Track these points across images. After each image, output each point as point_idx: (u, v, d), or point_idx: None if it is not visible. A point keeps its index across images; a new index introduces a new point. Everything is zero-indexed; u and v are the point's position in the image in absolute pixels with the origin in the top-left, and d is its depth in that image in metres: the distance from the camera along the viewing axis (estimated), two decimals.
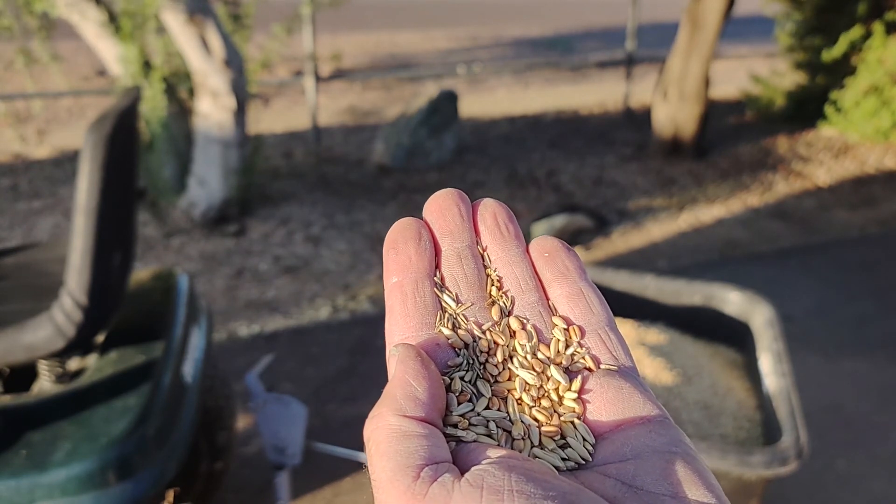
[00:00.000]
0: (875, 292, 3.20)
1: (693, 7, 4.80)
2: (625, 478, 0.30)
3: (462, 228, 0.36)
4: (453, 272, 0.36)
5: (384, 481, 0.28)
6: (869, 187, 4.64)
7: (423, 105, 4.88)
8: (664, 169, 4.90)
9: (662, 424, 0.32)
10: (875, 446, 2.22)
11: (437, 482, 0.27)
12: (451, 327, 0.34)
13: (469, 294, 0.35)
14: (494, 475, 0.27)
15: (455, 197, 0.36)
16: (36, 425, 1.30)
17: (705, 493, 0.29)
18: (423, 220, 0.37)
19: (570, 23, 13.02)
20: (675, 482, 0.29)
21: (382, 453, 0.29)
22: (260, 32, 4.80)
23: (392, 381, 0.31)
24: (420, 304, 0.34)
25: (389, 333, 0.34)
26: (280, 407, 1.75)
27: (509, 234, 0.37)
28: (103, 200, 1.30)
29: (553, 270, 0.36)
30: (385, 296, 0.35)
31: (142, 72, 3.65)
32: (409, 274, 0.35)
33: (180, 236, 3.73)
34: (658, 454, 0.30)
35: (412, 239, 0.35)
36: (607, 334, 0.35)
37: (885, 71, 5.15)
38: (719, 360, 1.88)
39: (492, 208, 0.37)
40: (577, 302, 0.35)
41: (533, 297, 0.36)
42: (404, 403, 0.30)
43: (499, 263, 0.36)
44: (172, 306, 1.65)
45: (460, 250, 0.36)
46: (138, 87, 1.63)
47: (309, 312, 3.04)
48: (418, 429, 0.29)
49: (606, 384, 0.33)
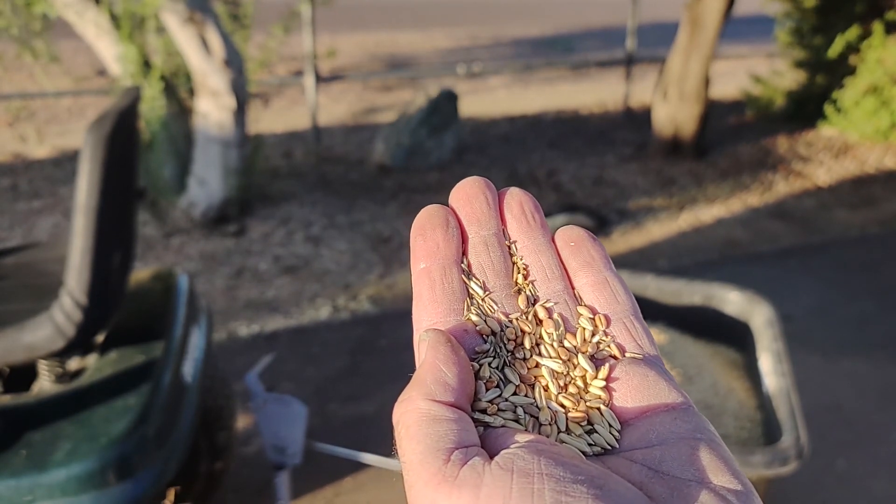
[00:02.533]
0: (875, 292, 3.20)
1: (693, 7, 4.80)
2: (651, 463, 0.30)
3: (489, 216, 0.37)
4: (480, 259, 0.36)
5: (415, 464, 0.28)
6: (869, 187, 4.64)
7: (423, 105, 4.88)
8: (664, 169, 4.90)
9: (687, 412, 0.32)
10: (875, 446, 2.22)
11: (468, 465, 0.28)
12: (479, 314, 0.35)
13: (496, 281, 0.36)
14: (524, 458, 0.28)
15: (482, 185, 0.37)
16: (36, 425, 1.30)
17: (731, 479, 0.29)
18: (449, 206, 0.37)
19: (570, 23, 13.02)
20: (700, 468, 0.29)
21: (412, 436, 0.29)
22: (260, 32, 4.80)
23: (422, 365, 0.32)
24: (448, 291, 0.35)
25: (417, 319, 0.35)
26: (280, 407, 1.74)
27: (535, 223, 0.37)
28: (103, 200, 1.30)
29: (579, 259, 0.36)
30: (412, 282, 0.35)
31: (141, 71, 3.65)
32: (436, 260, 0.35)
33: (180, 236, 3.73)
34: (683, 440, 0.30)
35: (440, 226, 0.36)
36: (632, 323, 0.35)
37: (885, 71, 5.15)
38: (719, 360, 1.88)
39: (518, 197, 0.37)
40: (603, 291, 0.36)
41: (559, 286, 0.36)
42: (434, 388, 0.31)
43: (525, 252, 0.37)
44: (172, 306, 1.65)
45: (487, 238, 0.36)
46: (138, 87, 1.62)
47: (309, 312, 3.04)
48: (448, 413, 0.30)
49: (632, 372, 0.33)
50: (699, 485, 0.28)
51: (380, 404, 2.39)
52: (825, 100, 5.63)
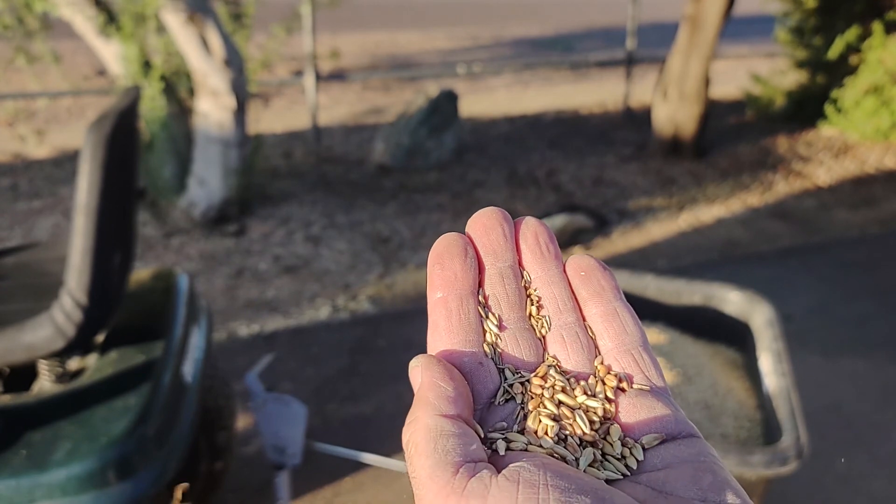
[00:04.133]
0: (875, 292, 3.20)
1: (693, 7, 4.79)
2: (655, 484, 0.31)
3: (505, 248, 0.37)
4: (496, 291, 0.37)
5: (424, 478, 0.29)
6: (869, 187, 4.64)
7: (423, 105, 4.88)
8: (664, 169, 4.90)
9: (692, 440, 0.33)
10: (875, 446, 2.22)
11: (476, 477, 0.28)
12: (495, 347, 0.36)
13: (510, 314, 0.36)
14: (530, 471, 0.28)
15: (499, 216, 0.37)
16: (36, 425, 1.30)
17: (733, 498, 0.30)
18: (466, 235, 0.37)
19: (570, 23, 13.02)
20: (704, 488, 0.30)
21: (421, 452, 0.30)
22: (260, 32, 4.80)
23: (420, 387, 0.33)
24: (465, 321, 0.35)
25: (433, 348, 0.35)
26: (280, 407, 1.75)
27: (549, 254, 0.38)
28: (103, 200, 1.30)
29: (589, 289, 0.37)
30: (429, 310, 0.36)
31: (142, 71, 3.65)
32: (454, 290, 0.36)
33: (180, 236, 3.73)
34: (688, 463, 0.31)
35: (458, 256, 0.36)
36: (640, 354, 0.36)
37: (885, 70, 5.15)
38: (719, 359, 1.88)
39: (534, 228, 0.38)
40: (612, 322, 0.36)
41: (571, 318, 0.37)
42: (438, 403, 0.31)
43: (539, 283, 0.37)
44: (172, 306, 1.65)
45: (503, 270, 0.37)
46: (138, 87, 1.62)
47: (309, 312, 3.04)
48: (454, 428, 0.31)
49: (639, 404, 0.34)
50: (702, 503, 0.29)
51: (379, 404, 2.39)
52: (825, 100, 5.63)
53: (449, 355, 0.35)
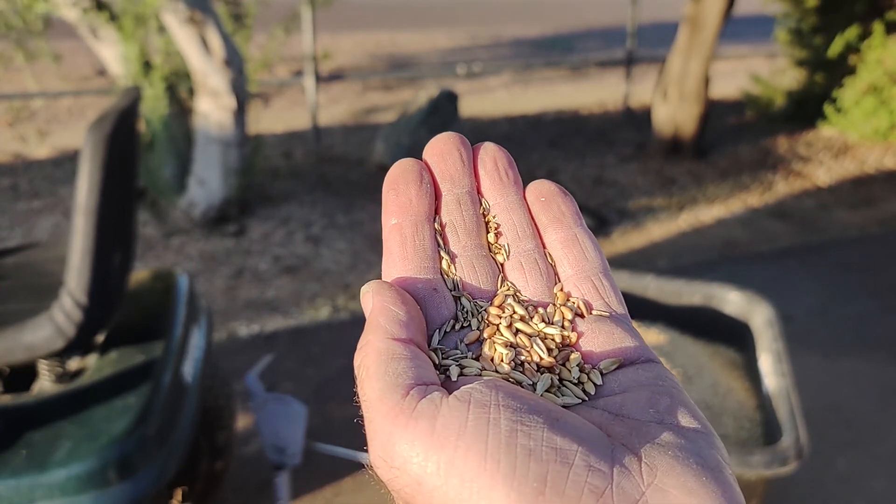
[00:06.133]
0: (875, 292, 3.20)
1: (693, 7, 4.80)
2: (611, 408, 0.30)
3: (462, 174, 0.36)
4: (452, 218, 0.36)
5: (373, 400, 0.29)
6: (869, 187, 4.64)
7: (423, 105, 4.87)
8: (664, 169, 4.90)
9: (650, 365, 0.32)
10: (875, 446, 2.22)
11: (426, 399, 0.28)
12: (451, 275, 0.35)
13: (467, 241, 0.36)
14: (481, 391, 0.28)
15: (457, 141, 0.36)
16: (36, 425, 1.30)
17: (690, 420, 0.29)
18: (423, 161, 0.36)
19: (570, 23, 13.02)
20: (661, 410, 0.29)
21: (372, 375, 0.29)
22: (260, 32, 4.80)
23: (372, 311, 0.32)
24: (419, 248, 0.35)
25: (387, 275, 0.35)
26: (280, 407, 1.75)
27: (508, 179, 0.37)
28: (103, 200, 1.30)
29: (549, 215, 0.36)
30: (383, 237, 0.35)
31: (142, 71, 3.65)
32: (409, 216, 0.35)
33: (180, 236, 3.73)
34: (645, 387, 0.31)
35: (413, 181, 0.35)
36: (600, 281, 0.35)
37: (885, 70, 5.15)
38: (719, 360, 1.88)
39: (492, 153, 0.37)
40: (572, 248, 0.36)
41: (530, 245, 0.36)
42: (389, 327, 0.31)
43: (497, 209, 0.37)
44: (172, 306, 1.65)
45: (460, 196, 0.36)
46: (138, 87, 1.63)
47: (309, 312, 3.04)
48: (406, 351, 0.30)
49: (598, 329, 0.33)
50: (658, 425, 0.29)
51: None
52: (825, 100, 5.63)
53: (402, 282, 0.34)
